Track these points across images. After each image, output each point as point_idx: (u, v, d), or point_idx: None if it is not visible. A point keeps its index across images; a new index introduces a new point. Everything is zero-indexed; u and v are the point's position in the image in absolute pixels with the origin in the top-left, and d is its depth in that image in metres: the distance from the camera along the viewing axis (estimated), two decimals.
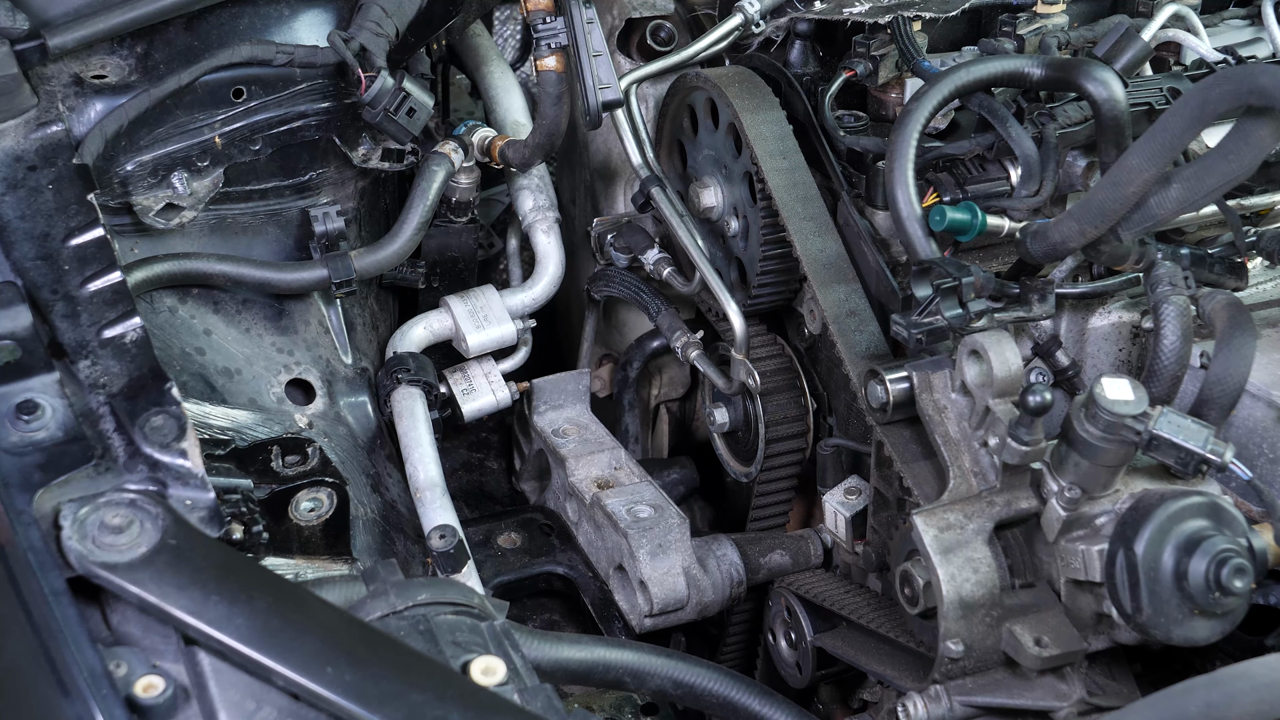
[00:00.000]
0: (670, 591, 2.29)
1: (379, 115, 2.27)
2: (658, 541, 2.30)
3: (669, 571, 2.29)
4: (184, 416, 1.68)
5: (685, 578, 2.29)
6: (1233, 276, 2.00)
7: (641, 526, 2.32)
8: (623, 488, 2.44)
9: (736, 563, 2.34)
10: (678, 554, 2.30)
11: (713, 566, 2.32)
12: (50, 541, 1.51)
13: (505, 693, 1.48)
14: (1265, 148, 1.77)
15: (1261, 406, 1.89)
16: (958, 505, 1.83)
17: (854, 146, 2.19)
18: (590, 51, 2.29)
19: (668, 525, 2.33)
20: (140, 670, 1.41)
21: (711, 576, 2.32)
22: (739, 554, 2.34)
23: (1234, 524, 1.68)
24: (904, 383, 1.94)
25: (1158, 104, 2.05)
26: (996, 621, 1.80)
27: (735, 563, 2.34)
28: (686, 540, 2.32)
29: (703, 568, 2.32)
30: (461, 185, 2.48)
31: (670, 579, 2.29)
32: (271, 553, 1.91)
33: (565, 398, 2.58)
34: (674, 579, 2.29)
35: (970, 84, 2.04)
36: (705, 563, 2.32)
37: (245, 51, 2.23)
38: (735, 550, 2.35)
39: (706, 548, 2.34)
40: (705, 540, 2.36)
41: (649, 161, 2.41)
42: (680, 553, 2.30)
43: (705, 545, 2.35)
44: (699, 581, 2.31)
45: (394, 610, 1.59)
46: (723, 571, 2.33)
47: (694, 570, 2.30)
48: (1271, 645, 1.77)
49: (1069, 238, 1.91)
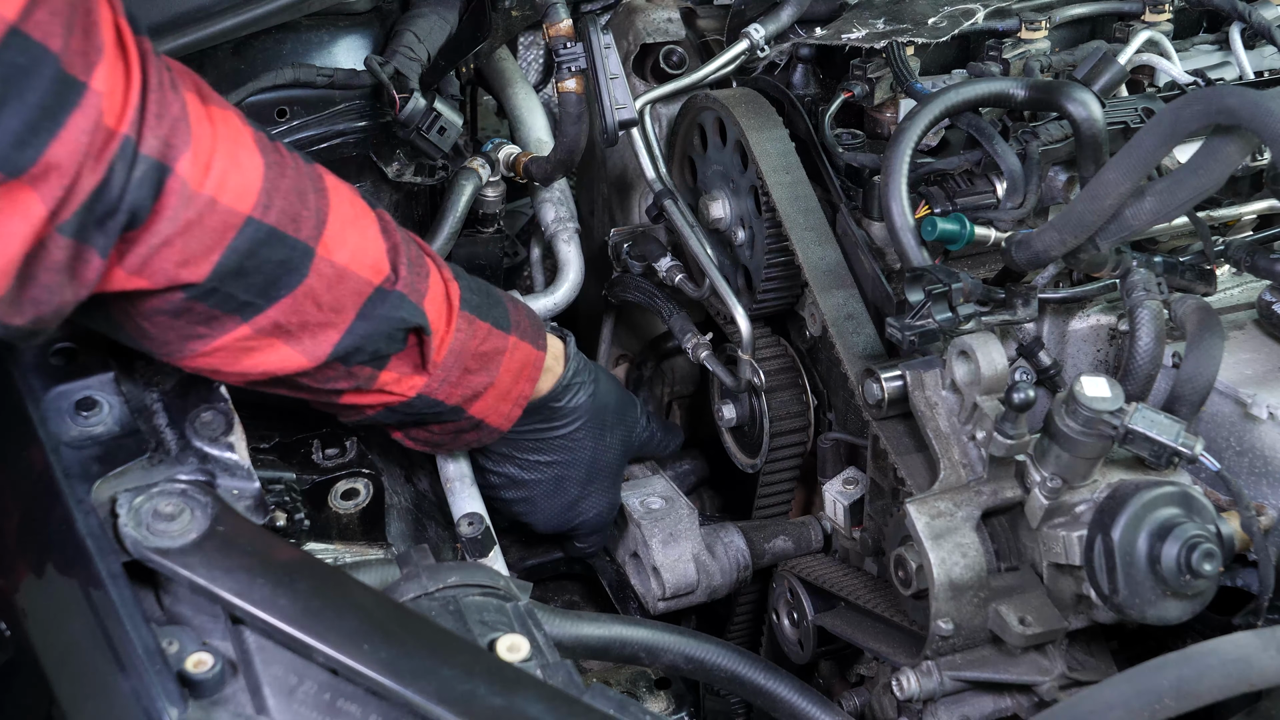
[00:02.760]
0: (681, 577, 2.29)
1: (412, 133, 2.27)
2: (669, 531, 2.31)
3: (680, 558, 2.29)
4: (231, 412, 1.68)
5: (695, 564, 2.29)
6: (1202, 283, 2.00)
7: (654, 517, 2.33)
8: (636, 481, 2.44)
9: (742, 549, 2.33)
10: (688, 542, 2.30)
11: (720, 552, 2.32)
12: (108, 528, 1.51)
13: (529, 668, 1.48)
14: (1232, 163, 1.77)
15: (1229, 403, 1.88)
16: (948, 494, 1.82)
17: (852, 162, 2.19)
18: (608, 75, 2.29)
19: (678, 516, 2.33)
20: (191, 648, 1.41)
21: (719, 562, 2.32)
22: (745, 540, 2.34)
23: (1204, 512, 1.67)
24: (898, 381, 1.93)
25: (1133, 123, 2.05)
26: (984, 602, 1.80)
27: (741, 549, 2.33)
28: (695, 529, 2.32)
29: (711, 554, 2.32)
30: (488, 198, 2.48)
31: (681, 565, 2.29)
32: (312, 539, 1.91)
33: None
34: (684, 565, 2.29)
35: (959, 104, 2.04)
36: (713, 549, 2.32)
37: (288, 74, 2.23)
38: (741, 537, 2.34)
39: (715, 535, 2.34)
40: (713, 528, 2.36)
41: (662, 176, 2.41)
42: (690, 540, 2.30)
43: (713, 533, 2.34)
44: (708, 567, 2.31)
45: (425, 592, 1.59)
46: (730, 557, 2.32)
47: (703, 556, 2.30)
48: (1239, 624, 1.76)
49: (1051, 247, 1.90)
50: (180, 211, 1.53)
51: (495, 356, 1.98)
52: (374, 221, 1.80)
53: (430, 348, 1.88)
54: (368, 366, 1.83)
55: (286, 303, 1.69)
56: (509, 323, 2.01)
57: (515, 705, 1.40)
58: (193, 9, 2.12)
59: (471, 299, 1.95)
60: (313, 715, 1.39)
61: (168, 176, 1.51)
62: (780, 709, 1.82)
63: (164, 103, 1.51)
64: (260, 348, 1.71)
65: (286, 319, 1.70)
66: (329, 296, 1.73)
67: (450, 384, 1.94)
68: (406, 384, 1.90)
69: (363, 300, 1.77)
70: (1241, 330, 2.00)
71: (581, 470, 2.24)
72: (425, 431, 2.05)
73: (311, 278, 1.69)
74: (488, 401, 2.01)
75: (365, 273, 1.76)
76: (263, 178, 1.62)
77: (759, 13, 2.40)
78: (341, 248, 1.72)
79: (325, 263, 1.70)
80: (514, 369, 2.02)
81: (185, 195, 1.53)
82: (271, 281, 1.66)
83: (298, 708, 1.39)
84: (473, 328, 1.94)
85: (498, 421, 2.06)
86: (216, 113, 1.60)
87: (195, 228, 1.55)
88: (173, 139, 1.51)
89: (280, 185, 1.64)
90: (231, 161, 1.59)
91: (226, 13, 2.14)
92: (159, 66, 1.53)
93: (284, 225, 1.64)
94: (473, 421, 2.03)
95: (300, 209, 1.67)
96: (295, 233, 1.66)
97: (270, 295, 1.67)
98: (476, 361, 1.96)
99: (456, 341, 1.92)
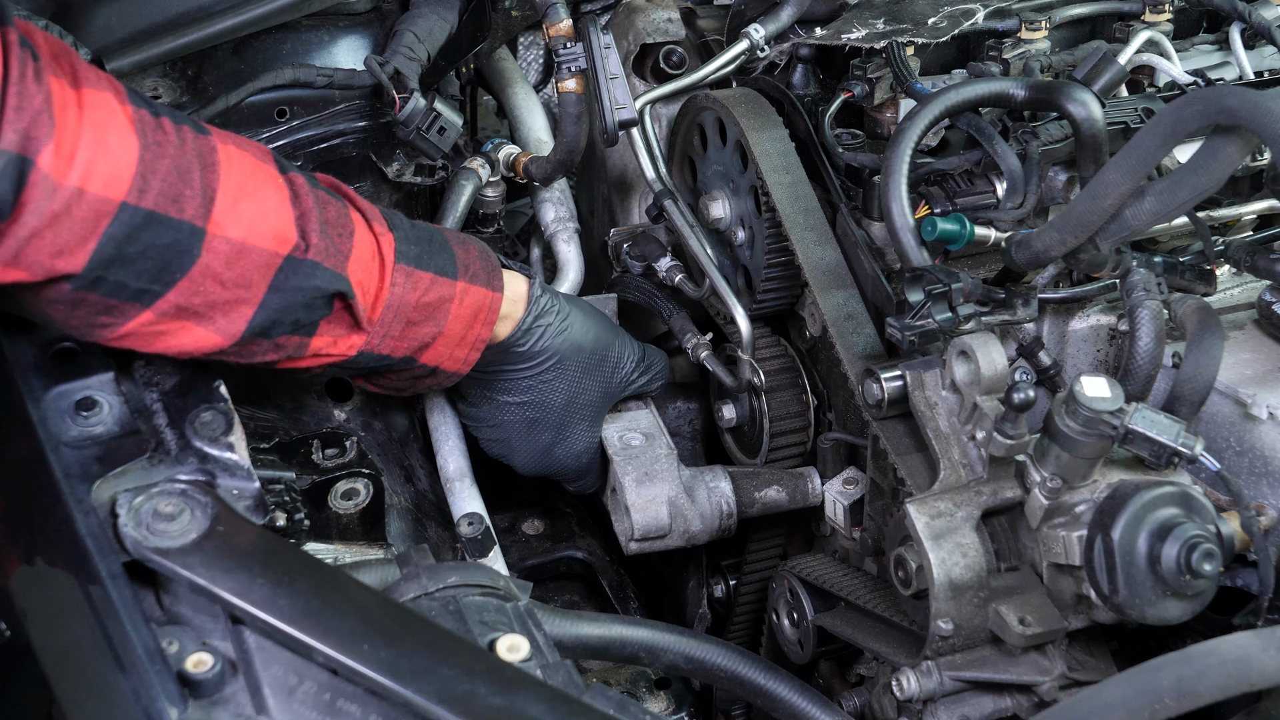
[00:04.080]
0: (653, 519, 2.22)
1: (412, 133, 2.27)
2: (644, 470, 2.23)
3: (653, 500, 2.21)
4: (231, 412, 1.68)
5: (670, 506, 2.22)
6: (1202, 283, 2.00)
7: (630, 454, 2.25)
8: (620, 414, 2.35)
9: (728, 495, 2.26)
10: (663, 483, 2.22)
11: (702, 497, 2.25)
12: (108, 528, 1.51)
13: (529, 668, 1.48)
14: (1232, 163, 1.77)
15: (1229, 403, 1.88)
16: (948, 494, 1.82)
17: (852, 162, 2.19)
18: (608, 75, 2.29)
19: (654, 455, 2.26)
20: (191, 648, 1.41)
21: (700, 507, 2.24)
22: (732, 486, 2.27)
23: (1203, 512, 1.67)
24: (898, 381, 1.93)
25: (1133, 123, 2.05)
26: (984, 602, 1.80)
27: (727, 495, 2.26)
28: (673, 470, 2.24)
29: (691, 497, 2.24)
30: (488, 198, 2.48)
31: (654, 507, 2.21)
32: (312, 539, 1.91)
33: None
34: (657, 507, 2.21)
35: (959, 104, 2.04)
36: (694, 493, 2.24)
37: (288, 74, 2.23)
38: (729, 483, 2.27)
39: (698, 478, 2.27)
40: (699, 470, 2.29)
41: (662, 176, 2.41)
42: (666, 482, 2.23)
43: (697, 475, 2.27)
44: (684, 511, 2.23)
45: (425, 592, 1.60)
46: (712, 503, 2.25)
47: (680, 500, 2.22)
48: (1238, 624, 1.76)
49: (1051, 247, 1.90)
50: (44, 204, 1.51)
51: (441, 306, 1.95)
52: (278, 190, 1.76)
53: (362, 307, 1.85)
54: (294, 336, 1.81)
55: (184, 285, 1.66)
56: (456, 268, 1.97)
57: (515, 705, 1.40)
58: (193, 9, 2.13)
59: (409, 250, 1.91)
60: (313, 715, 1.39)
61: (29, 170, 1.49)
62: (780, 709, 1.82)
63: (24, 95, 1.49)
64: (171, 331, 1.70)
65: (189, 301, 1.68)
66: (231, 273, 1.69)
67: (393, 338, 1.91)
68: (344, 344, 1.88)
69: (272, 272, 1.73)
70: (1241, 330, 2.00)
71: (554, 413, 2.20)
72: (382, 379, 2.04)
73: (206, 256, 1.66)
74: (439, 350, 1.99)
75: (268, 244, 1.72)
76: (137, 160, 1.59)
77: (759, 13, 2.40)
78: (235, 223, 1.68)
79: (219, 240, 1.66)
80: (465, 315, 1.99)
81: (49, 188, 1.50)
82: (162, 266, 1.63)
83: (298, 708, 1.39)
84: (412, 279, 1.91)
85: (454, 367, 2.04)
86: (89, 96, 1.56)
87: (64, 219, 1.53)
88: (34, 131, 1.49)
89: (158, 166, 1.61)
90: (100, 149, 1.55)
91: (226, 13, 2.14)
92: (21, 57, 1.50)
93: (163, 207, 1.61)
94: (426, 369, 2.01)
95: (182, 188, 1.63)
96: (178, 214, 1.62)
97: (164, 280, 1.65)
98: (419, 313, 1.92)
99: (393, 296, 1.89)
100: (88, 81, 1.58)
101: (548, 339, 2.13)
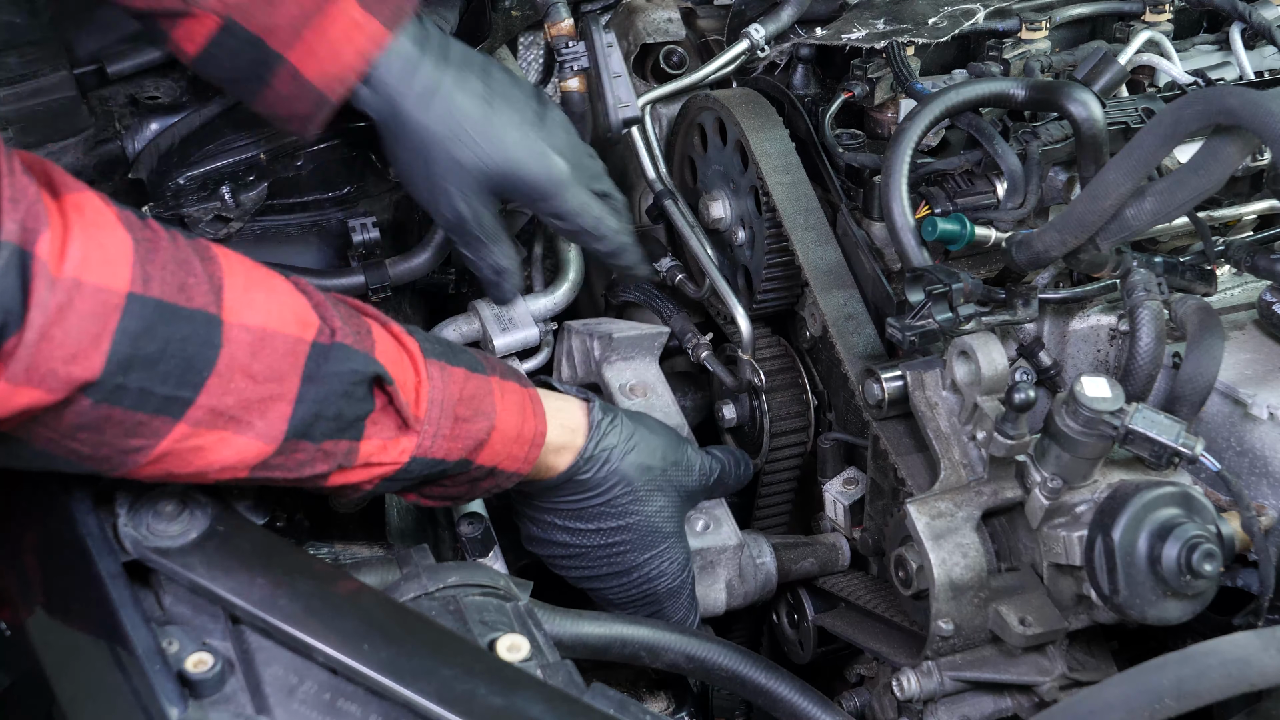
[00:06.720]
0: (711, 605, 2.17)
1: None
2: (709, 559, 2.16)
3: (712, 586, 2.17)
4: None
5: (726, 592, 2.18)
6: (1203, 283, 2.00)
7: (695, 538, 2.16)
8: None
9: (771, 574, 2.20)
10: (723, 570, 2.17)
11: (750, 574, 2.19)
12: (108, 529, 1.51)
13: (529, 668, 1.48)
14: (1233, 163, 1.77)
15: (1229, 403, 1.89)
16: (948, 494, 1.82)
17: (852, 162, 2.19)
18: (611, 73, 2.29)
19: (722, 545, 2.16)
20: (191, 647, 1.41)
21: (747, 585, 2.20)
22: (776, 563, 2.21)
23: (1204, 512, 1.67)
24: (898, 381, 1.93)
25: (1133, 123, 2.04)
26: (984, 602, 1.80)
27: (770, 574, 2.20)
28: (735, 558, 2.17)
29: (741, 577, 2.19)
30: None
31: (713, 594, 2.17)
32: (312, 539, 1.91)
33: (639, 351, 2.37)
34: (716, 594, 2.17)
35: (959, 104, 2.04)
36: (745, 572, 2.19)
37: None
38: (774, 560, 2.21)
39: (749, 556, 2.20)
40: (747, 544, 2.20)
41: (662, 176, 2.41)
42: (726, 569, 2.17)
43: (747, 551, 2.20)
44: (735, 590, 2.19)
45: (426, 592, 1.60)
46: (757, 580, 2.20)
47: (734, 581, 2.18)
48: (1239, 624, 1.76)
49: (1051, 247, 1.90)
50: (47, 298, 1.35)
51: (485, 398, 1.78)
52: (284, 281, 1.60)
53: (405, 401, 1.68)
54: (342, 440, 1.63)
55: (213, 384, 1.48)
56: (482, 366, 1.82)
57: (515, 705, 1.40)
58: None
59: (433, 348, 1.76)
60: (313, 715, 1.39)
61: (30, 262, 1.34)
62: (780, 709, 1.82)
63: (17, 186, 1.35)
64: (209, 444, 1.51)
65: (221, 403, 1.50)
66: (259, 365, 1.52)
67: (445, 437, 1.73)
68: (395, 449, 1.69)
69: (302, 361, 1.56)
70: (1241, 330, 2.00)
71: (634, 534, 2.02)
72: (437, 488, 1.83)
73: (229, 347, 1.49)
74: (495, 447, 1.81)
75: (291, 329, 1.55)
76: (133, 252, 1.43)
77: (759, 13, 2.40)
78: (250, 309, 1.52)
79: (238, 329, 1.50)
80: (513, 408, 1.83)
81: (48, 280, 1.35)
82: (186, 364, 1.46)
83: (298, 708, 1.39)
84: (447, 374, 1.75)
85: (514, 466, 1.85)
86: (71, 199, 1.43)
87: (69, 314, 1.36)
88: (30, 222, 1.35)
89: (155, 258, 1.45)
90: (92, 242, 1.40)
91: None
92: (9, 153, 1.37)
93: (171, 296, 1.45)
94: (484, 470, 1.82)
95: (186, 277, 1.47)
96: (188, 302, 1.46)
97: (192, 381, 1.47)
98: (466, 407, 1.75)
99: (435, 390, 1.72)
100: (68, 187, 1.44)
101: (614, 463, 1.97)
